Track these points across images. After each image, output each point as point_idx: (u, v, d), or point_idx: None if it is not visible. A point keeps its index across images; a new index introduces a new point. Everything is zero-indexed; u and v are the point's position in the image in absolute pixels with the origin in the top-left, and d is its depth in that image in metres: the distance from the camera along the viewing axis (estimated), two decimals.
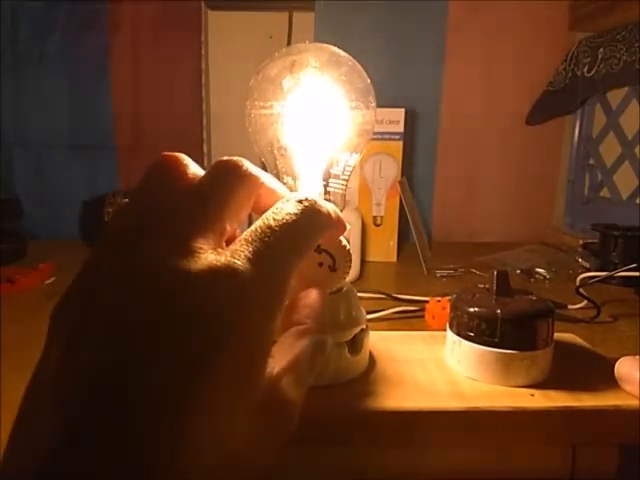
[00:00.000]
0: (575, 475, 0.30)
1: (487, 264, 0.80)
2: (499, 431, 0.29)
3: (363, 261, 0.83)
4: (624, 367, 0.30)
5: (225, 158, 0.21)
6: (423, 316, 0.56)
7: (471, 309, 0.31)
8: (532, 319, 0.31)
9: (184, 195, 0.19)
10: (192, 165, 0.20)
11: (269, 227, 0.19)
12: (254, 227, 0.19)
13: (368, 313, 0.35)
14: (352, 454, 0.30)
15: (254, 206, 0.21)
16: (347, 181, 0.31)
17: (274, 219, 0.19)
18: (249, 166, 0.21)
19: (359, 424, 0.29)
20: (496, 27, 0.98)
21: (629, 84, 0.88)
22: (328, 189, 0.31)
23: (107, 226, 0.19)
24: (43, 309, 0.18)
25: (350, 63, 0.30)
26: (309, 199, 0.21)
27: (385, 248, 0.86)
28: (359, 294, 0.32)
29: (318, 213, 0.21)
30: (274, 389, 0.19)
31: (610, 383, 0.30)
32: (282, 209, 0.20)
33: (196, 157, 0.20)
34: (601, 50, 0.89)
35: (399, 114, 0.84)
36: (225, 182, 0.20)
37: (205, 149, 1.01)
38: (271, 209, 0.20)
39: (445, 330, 0.34)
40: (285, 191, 0.23)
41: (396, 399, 0.29)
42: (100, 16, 0.94)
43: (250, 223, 0.20)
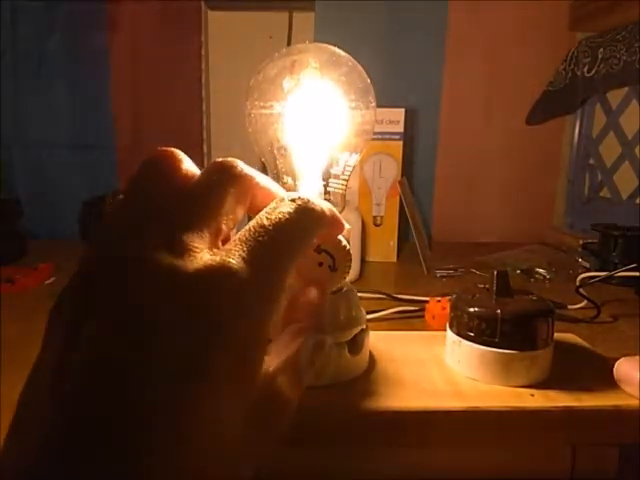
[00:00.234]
0: (575, 475, 0.30)
1: (487, 264, 0.80)
2: (499, 431, 0.29)
3: (363, 261, 0.83)
4: (623, 368, 0.30)
5: (220, 159, 0.21)
6: (423, 316, 0.56)
7: (471, 309, 0.31)
8: (532, 319, 0.31)
9: (179, 195, 0.19)
10: (186, 160, 0.20)
11: (262, 227, 0.19)
12: (248, 227, 0.19)
13: (368, 313, 0.35)
14: (352, 454, 0.30)
15: (250, 206, 0.21)
16: (347, 181, 0.31)
17: (267, 218, 0.19)
18: (243, 167, 0.21)
19: (359, 424, 0.29)
20: (496, 27, 0.98)
21: (629, 84, 0.88)
22: (328, 189, 0.31)
23: (102, 224, 0.19)
24: (43, 309, 0.18)
25: (350, 63, 0.30)
26: (302, 198, 0.21)
27: (385, 248, 0.86)
28: (359, 294, 0.32)
29: (312, 211, 0.21)
30: (269, 387, 0.19)
31: (610, 383, 0.30)
32: (275, 208, 0.20)
33: (196, 157, 0.20)
34: (601, 50, 0.89)
35: (399, 114, 0.84)
36: (219, 182, 0.20)
37: (205, 149, 1.01)
38: (265, 209, 0.20)
39: (445, 330, 0.34)
40: (280, 191, 0.23)
41: (396, 399, 0.29)
42: (100, 16, 0.94)
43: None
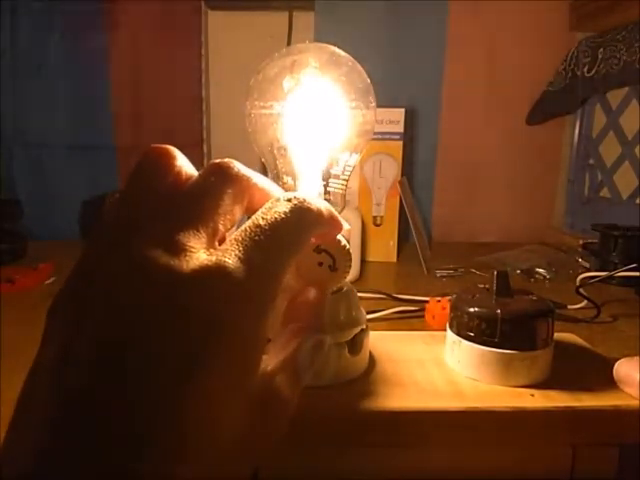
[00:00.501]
0: (575, 475, 0.30)
1: (487, 264, 0.80)
2: (499, 431, 0.29)
3: (363, 261, 0.82)
4: (623, 368, 0.30)
5: (217, 160, 0.21)
6: (423, 316, 0.56)
7: (471, 309, 0.31)
8: (532, 319, 0.31)
9: (176, 195, 0.19)
10: (180, 157, 0.20)
11: (258, 226, 0.19)
12: (244, 227, 0.19)
13: (368, 313, 0.35)
14: (352, 454, 0.30)
15: (247, 207, 0.21)
16: (347, 181, 0.31)
17: (263, 218, 0.19)
18: (240, 167, 0.21)
19: (359, 424, 0.29)
20: (496, 27, 0.98)
21: (629, 84, 0.88)
22: (328, 189, 0.31)
23: (100, 224, 0.19)
24: (43, 309, 0.18)
25: (350, 63, 0.30)
26: (298, 197, 0.21)
27: (385, 248, 0.86)
28: (359, 294, 0.32)
29: (308, 211, 0.21)
30: (268, 386, 0.19)
31: (610, 383, 0.30)
32: (271, 208, 0.20)
33: (196, 157, 0.20)
34: (601, 50, 0.89)
35: (399, 114, 0.84)
36: (216, 183, 0.20)
37: (205, 149, 1.01)
38: (261, 209, 0.20)
39: (445, 330, 0.34)
40: (278, 192, 0.23)
41: (396, 399, 0.29)
42: (100, 16, 0.94)
43: None
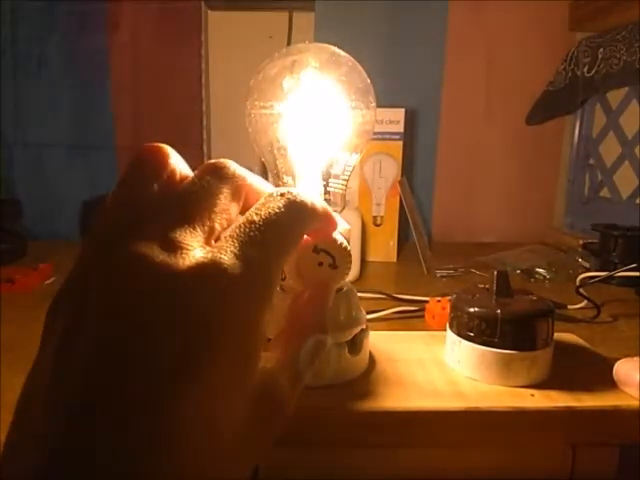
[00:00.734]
0: (575, 475, 0.30)
1: (487, 264, 0.80)
2: (499, 431, 0.29)
3: (363, 261, 0.82)
4: (623, 369, 0.30)
5: (212, 160, 0.21)
6: (423, 316, 0.57)
7: (471, 309, 0.31)
8: (532, 319, 0.31)
9: (171, 194, 0.19)
10: (174, 155, 0.20)
11: (252, 222, 0.19)
12: (238, 223, 0.19)
13: (368, 313, 0.35)
14: (352, 454, 0.30)
15: (243, 206, 0.21)
16: (347, 181, 0.31)
17: (257, 214, 0.20)
18: (236, 167, 0.21)
19: (359, 424, 0.29)
20: (496, 27, 0.98)
21: (629, 84, 0.88)
22: (328, 189, 0.31)
23: (96, 223, 0.19)
24: (43, 309, 0.18)
25: (350, 63, 0.30)
26: (291, 192, 0.21)
27: (385, 248, 0.86)
28: (359, 294, 0.32)
29: (301, 205, 0.21)
30: (267, 384, 0.19)
31: (610, 383, 0.30)
32: (265, 204, 0.20)
33: (196, 157, 0.20)
34: (601, 50, 0.89)
35: (399, 114, 0.84)
36: (212, 182, 0.20)
37: (205, 149, 1.01)
38: (254, 205, 0.20)
39: (445, 330, 0.34)
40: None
41: (396, 399, 0.29)
42: (100, 16, 0.94)
43: None
